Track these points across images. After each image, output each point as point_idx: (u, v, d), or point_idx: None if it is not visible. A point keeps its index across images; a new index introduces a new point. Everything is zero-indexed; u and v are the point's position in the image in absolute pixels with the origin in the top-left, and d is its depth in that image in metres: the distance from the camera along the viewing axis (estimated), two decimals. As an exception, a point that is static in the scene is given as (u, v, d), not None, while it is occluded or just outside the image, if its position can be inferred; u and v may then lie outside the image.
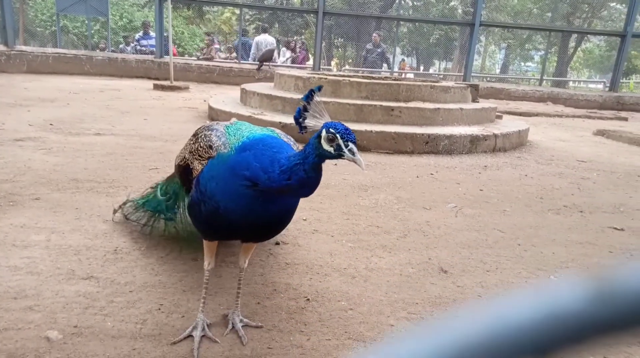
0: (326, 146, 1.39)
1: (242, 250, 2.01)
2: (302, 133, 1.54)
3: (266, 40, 13.60)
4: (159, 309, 2.05)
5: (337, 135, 1.37)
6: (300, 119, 1.49)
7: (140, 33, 16.07)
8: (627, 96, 13.41)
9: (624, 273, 0.30)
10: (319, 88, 1.48)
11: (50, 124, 5.62)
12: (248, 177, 1.51)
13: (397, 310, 2.18)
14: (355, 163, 1.38)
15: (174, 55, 16.51)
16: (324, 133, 1.39)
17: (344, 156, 1.38)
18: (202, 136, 1.74)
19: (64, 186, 3.42)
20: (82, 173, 3.76)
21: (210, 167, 1.64)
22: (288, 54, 15.59)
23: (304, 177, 1.43)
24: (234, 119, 1.96)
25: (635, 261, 0.30)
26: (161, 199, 2.46)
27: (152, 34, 14.35)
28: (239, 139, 1.65)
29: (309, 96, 1.47)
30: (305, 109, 1.48)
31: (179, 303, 2.10)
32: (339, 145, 1.37)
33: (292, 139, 1.86)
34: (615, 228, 3.42)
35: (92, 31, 20.49)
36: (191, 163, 1.75)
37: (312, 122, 1.48)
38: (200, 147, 1.70)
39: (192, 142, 1.83)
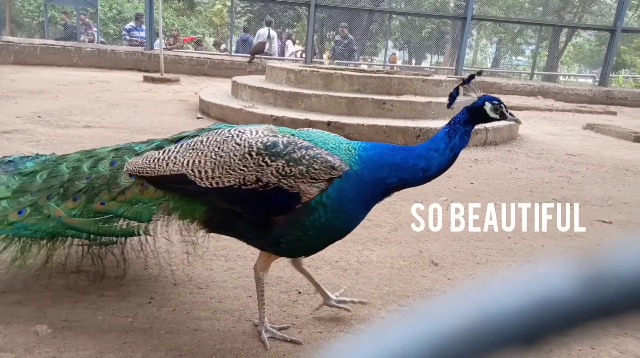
0: (493, 114, 1.74)
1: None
2: (451, 108, 1.80)
3: (264, 33, 13.54)
4: (150, 302, 2.04)
5: (502, 105, 1.74)
6: (457, 96, 1.78)
7: (132, 23, 15.82)
8: (616, 90, 13.52)
9: (613, 259, 0.30)
10: (479, 72, 1.83)
11: (38, 117, 5.55)
12: (395, 182, 1.70)
13: (388, 303, 2.19)
14: (517, 122, 1.86)
15: (186, 40, 16.75)
16: (489, 105, 1.73)
17: (507, 118, 1.78)
18: (307, 157, 1.62)
19: (53, 179, 3.38)
20: (71, 166, 3.71)
21: (341, 187, 1.64)
22: (293, 48, 15.59)
23: (467, 140, 1.73)
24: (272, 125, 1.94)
25: (623, 248, 0.30)
26: (88, 221, 1.96)
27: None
28: (347, 153, 1.70)
29: (471, 78, 1.76)
30: (457, 90, 1.78)
31: (170, 297, 2.10)
32: (502, 112, 1.75)
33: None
34: (604, 221, 3.46)
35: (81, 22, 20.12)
36: (291, 187, 1.62)
37: (466, 98, 1.77)
38: (315, 169, 1.61)
39: (280, 164, 1.63)
